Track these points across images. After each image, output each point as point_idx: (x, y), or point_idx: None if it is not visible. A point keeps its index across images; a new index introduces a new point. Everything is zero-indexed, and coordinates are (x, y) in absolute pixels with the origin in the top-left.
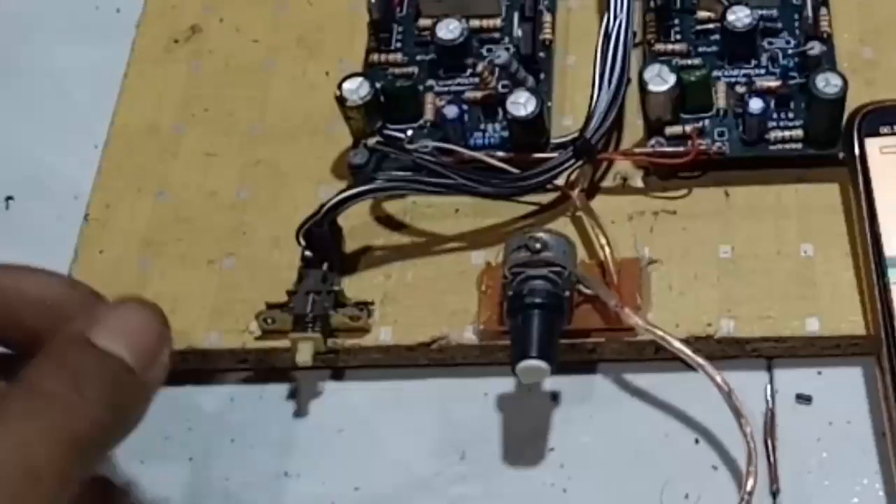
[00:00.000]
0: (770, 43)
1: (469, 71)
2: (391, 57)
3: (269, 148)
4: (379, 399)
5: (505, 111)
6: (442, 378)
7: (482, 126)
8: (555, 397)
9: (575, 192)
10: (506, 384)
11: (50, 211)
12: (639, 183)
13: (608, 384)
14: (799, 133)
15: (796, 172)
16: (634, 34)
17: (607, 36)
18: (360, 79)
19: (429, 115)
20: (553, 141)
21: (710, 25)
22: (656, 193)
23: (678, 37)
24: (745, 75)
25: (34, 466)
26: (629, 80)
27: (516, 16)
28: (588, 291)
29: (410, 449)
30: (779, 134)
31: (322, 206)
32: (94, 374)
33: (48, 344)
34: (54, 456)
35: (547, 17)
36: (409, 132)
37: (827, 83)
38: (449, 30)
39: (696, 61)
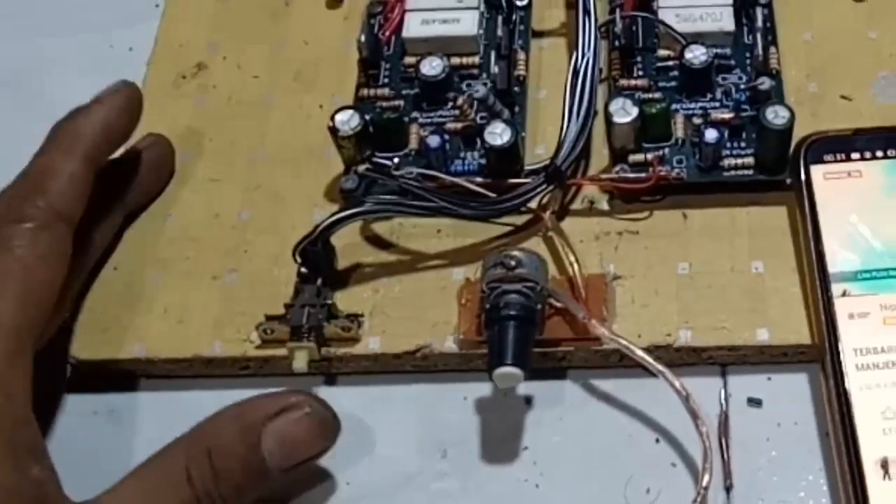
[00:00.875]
0: (724, 78)
1: (450, 104)
2: (379, 91)
3: (268, 174)
4: (368, 403)
5: (483, 141)
6: (425, 383)
7: (462, 154)
8: (528, 401)
9: (546, 215)
10: (483, 389)
11: None
12: (605, 206)
13: (577, 389)
14: (750, 160)
15: (748, 196)
16: (601, 70)
17: (576, 72)
18: (351, 111)
19: (413, 144)
20: (526, 168)
21: (670, 63)
22: (620, 215)
23: (640, 73)
24: (701, 108)
25: None
26: (596, 113)
27: (493, 54)
28: (558, 304)
29: (396, 448)
30: (732, 161)
31: (316, 226)
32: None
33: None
34: None
35: (521, 55)
36: (396, 160)
37: (776, 115)
38: (432, 67)
39: (657, 95)
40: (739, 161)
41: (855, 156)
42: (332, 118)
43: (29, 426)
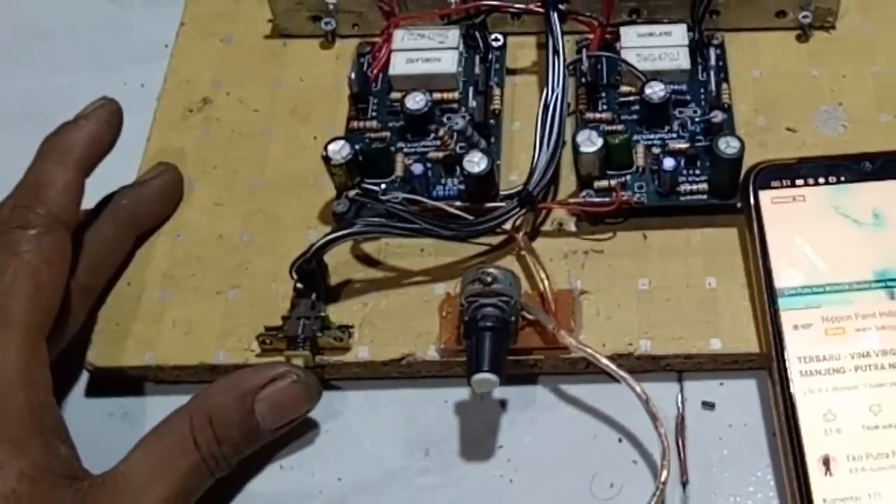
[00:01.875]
0: (680, 112)
1: (432, 135)
2: (368, 124)
3: (267, 199)
4: (358, 405)
5: (462, 168)
6: (410, 388)
7: (443, 180)
8: (503, 404)
9: (519, 235)
10: (462, 393)
11: None
12: (572, 227)
13: (547, 394)
14: (704, 186)
15: (702, 219)
16: (568, 105)
17: (546, 106)
18: (342, 142)
19: (399, 171)
20: (501, 193)
21: (631, 98)
22: (586, 236)
23: (604, 107)
24: (659, 139)
25: None
26: (564, 143)
27: (471, 90)
28: (530, 317)
29: (383, 447)
30: (688, 187)
31: (311, 246)
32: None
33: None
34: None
35: (496, 91)
36: (383, 185)
37: (728, 145)
38: (415, 101)
39: (620, 127)
40: (694, 187)
41: (799, 182)
42: (326, 148)
43: (52, 410)
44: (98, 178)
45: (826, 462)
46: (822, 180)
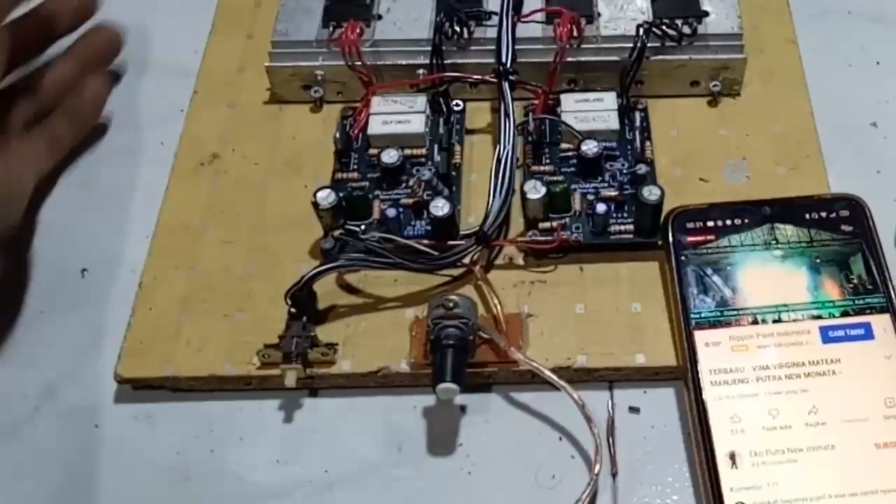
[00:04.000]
0: (611, 165)
1: (404, 184)
2: (350, 175)
3: (266, 237)
4: (342, 410)
5: (428, 212)
6: (385, 396)
7: (413, 222)
8: (463, 409)
9: (476, 268)
10: (429, 400)
11: (114, 280)
12: (521, 262)
13: (500, 400)
14: (631, 227)
15: (629, 254)
16: (518, 159)
17: (499, 160)
18: (328, 190)
19: (376, 214)
20: (461, 232)
21: (570, 153)
22: (532, 269)
23: (547, 161)
24: (593, 188)
25: None
26: (514, 191)
27: (436, 147)
28: (486, 336)
29: (363, 444)
30: (617, 228)
31: (302, 277)
32: None
33: None
34: None
35: (457, 148)
36: (363, 226)
37: (650, 193)
38: (389, 156)
39: (560, 178)
40: (622, 228)
41: (710, 224)
42: (315, 195)
43: None
44: (123, 219)
45: (732, 457)
46: (728, 222)
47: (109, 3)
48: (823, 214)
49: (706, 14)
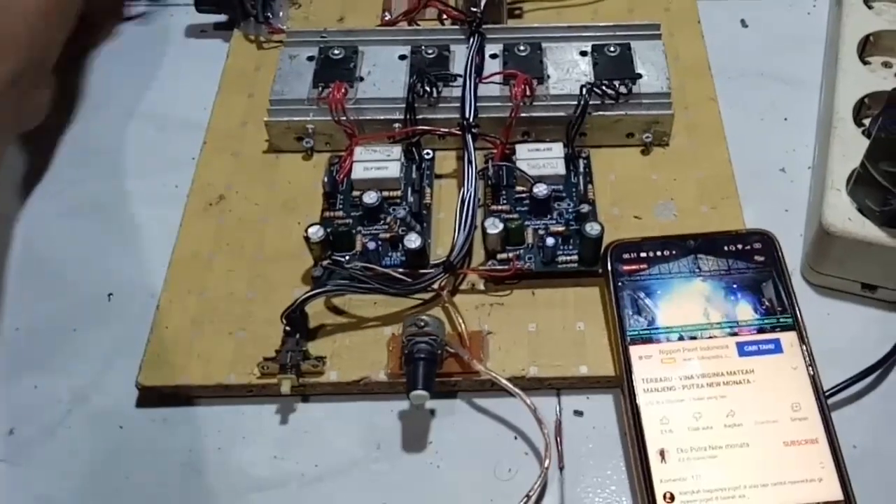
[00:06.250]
0: (558, 205)
1: (382, 221)
2: (336, 213)
3: (265, 267)
4: (329, 414)
5: (403, 245)
6: (366, 401)
7: (390, 253)
8: (432, 412)
9: (444, 293)
10: (404, 405)
11: (135, 303)
12: (482, 287)
13: (464, 405)
14: (575, 258)
15: (574, 280)
16: (479, 200)
17: (463, 201)
18: (318, 226)
19: (358, 247)
20: (431, 262)
21: (523, 195)
22: (492, 293)
23: (504, 201)
24: (543, 224)
25: None
26: (476, 227)
27: (409, 189)
28: (452, 350)
29: (347, 442)
30: (564, 258)
31: (296, 300)
32: None
33: None
34: None
35: (428, 190)
36: (347, 257)
37: (592, 228)
38: (370, 197)
39: (515, 216)
40: (568, 258)
41: (643, 254)
42: (306, 231)
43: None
44: (143, 251)
45: (662, 454)
46: (658, 254)
47: (133, 69)
48: (740, 247)
49: (640, 76)
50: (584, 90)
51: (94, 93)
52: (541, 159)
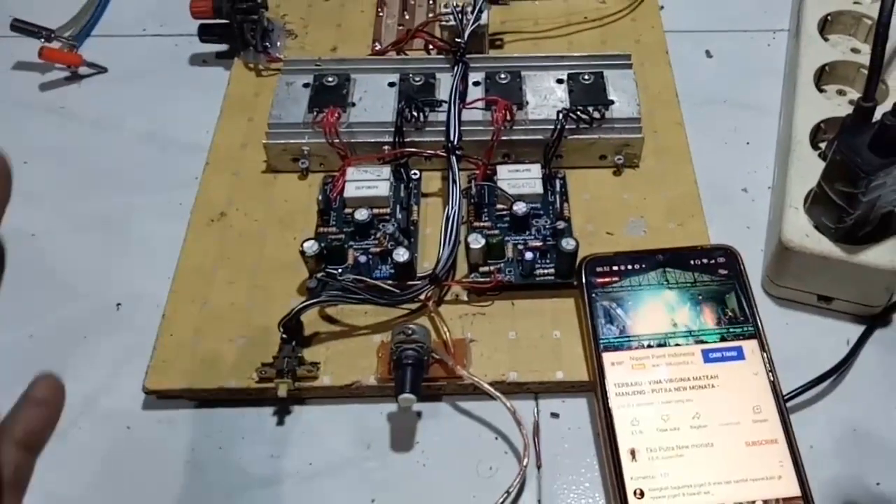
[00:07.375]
0: (536, 221)
1: (372, 237)
2: (330, 229)
3: (264, 278)
4: (323, 416)
5: (392, 259)
6: (357, 404)
7: (379, 267)
8: (419, 414)
9: (430, 303)
10: (392, 407)
11: (142, 312)
12: (465, 298)
13: (449, 407)
14: (552, 271)
15: (551, 292)
16: (462, 217)
17: (448, 218)
18: (313, 241)
19: (350, 260)
20: (419, 275)
21: (504, 212)
22: (474, 303)
23: (486, 218)
24: (523, 239)
25: None
26: (459, 242)
27: (398, 207)
28: (437, 357)
29: (340, 441)
30: (541, 271)
31: (292, 310)
32: None
33: None
34: None
35: (415, 208)
36: (340, 270)
37: (567, 244)
38: (361, 214)
39: (496, 232)
40: (546, 271)
41: (615, 268)
42: (302, 245)
43: None
44: (150, 264)
45: (633, 453)
46: (630, 267)
47: (141, 95)
48: (705, 261)
49: (612, 102)
50: (561, 115)
51: (105, 117)
52: (520, 179)
